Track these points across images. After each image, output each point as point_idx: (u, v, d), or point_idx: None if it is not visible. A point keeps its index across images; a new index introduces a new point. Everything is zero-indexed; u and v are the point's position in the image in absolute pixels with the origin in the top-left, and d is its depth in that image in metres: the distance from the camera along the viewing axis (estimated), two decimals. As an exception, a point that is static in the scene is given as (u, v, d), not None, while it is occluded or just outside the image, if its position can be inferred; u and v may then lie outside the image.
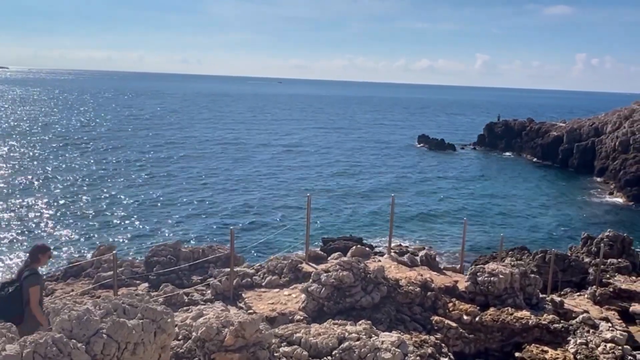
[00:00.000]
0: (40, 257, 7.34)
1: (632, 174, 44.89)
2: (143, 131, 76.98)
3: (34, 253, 7.33)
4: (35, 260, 7.28)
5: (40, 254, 7.32)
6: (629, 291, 15.05)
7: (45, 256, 7.42)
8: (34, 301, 6.99)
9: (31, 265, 7.25)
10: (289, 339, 7.45)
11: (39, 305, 7.05)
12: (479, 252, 25.13)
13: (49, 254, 7.50)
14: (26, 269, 7.21)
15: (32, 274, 7.12)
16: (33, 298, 6.99)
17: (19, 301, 6.98)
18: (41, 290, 7.26)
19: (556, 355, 9.50)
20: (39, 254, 7.32)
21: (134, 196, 37.58)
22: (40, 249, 7.40)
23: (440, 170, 55.65)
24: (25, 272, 7.15)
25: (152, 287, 12.15)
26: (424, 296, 10.48)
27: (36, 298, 7.03)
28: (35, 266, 7.28)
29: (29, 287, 6.99)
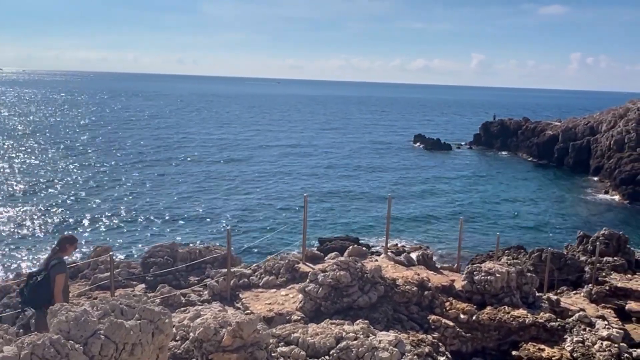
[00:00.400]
0: (68, 247, 7.75)
1: (627, 173, 45.06)
2: (138, 132, 76.81)
3: (62, 243, 7.69)
4: (62, 249, 7.66)
5: (67, 244, 7.72)
6: (624, 289, 15.11)
7: (72, 246, 7.83)
8: (58, 289, 7.34)
9: (58, 254, 7.61)
10: (286, 339, 7.46)
11: (62, 292, 7.39)
12: (476, 251, 25.18)
13: (75, 244, 7.93)
14: (53, 257, 7.55)
15: (58, 263, 7.47)
16: (58, 286, 7.34)
17: (47, 289, 7.29)
18: (66, 278, 7.62)
19: (553, 353, 9.53)
20: (67, 243, 7.72)
21: (130, 197, 37.52)
22: (68, 239, 7.79)
23: (436, 170, 55.75)
24: (52, 261, 7.48)
25: (149, 288, 12.13)
26: (421, 295, 10.50)
27: (60, 285, 7.38)
28: (62, 255, 7.64)
29: (56, 274, 7.35)
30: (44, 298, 7.25)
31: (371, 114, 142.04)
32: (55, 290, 7.33)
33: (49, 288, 7.32)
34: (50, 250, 7.83)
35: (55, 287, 7.33)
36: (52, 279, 7.35)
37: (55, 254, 7.63)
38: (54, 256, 7.62)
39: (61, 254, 7.67)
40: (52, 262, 7.51)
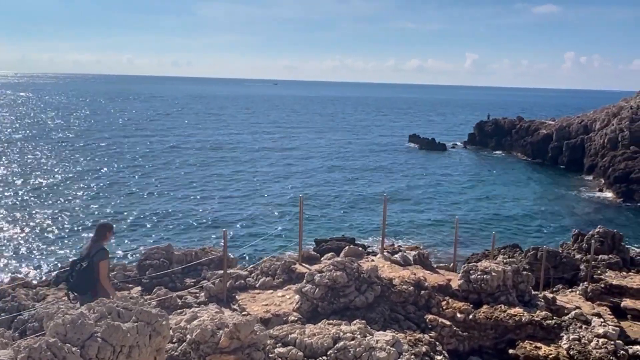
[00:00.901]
0: (107, 235, 8.14)
1: (621, 171, 45.27)
2: (133, 135, 76.63)
3: (101, 231, 8.08)
4: (102, 237, 8.05)
5: (106, 232, 8.12)
6: (620, 287, 15.18)
7: (110, 233, 8.22)
8: (104, 274, 7.80)
9: (99, 242, 7.99)
10: (283, 340, 7.46)
11: (107, 278, 7.90)
12: (472, 250, 25.24)
13: (112, 231, 8.34)
14: (94, 245, 7.93)
15: (101, 250, 7.87)
16: (103, 272, 7.78)
17: (91, 275, 7.72)
18: (108, 264, 8.07)
19: (549, 351, 9.56)
20: (106, 231, 8.11)
21: (125, 200, 37.43)
22: (107, 227, 8.20)
23: (431, 170, 55.86)
24: (94, 248, 7.87)
25: (145, 290, 12.11)
26: (418, 295, 10.51)
27: (105, 272, 7.85)
28: (102, 243, 8.03)
29: (99, 262, 7.75)
30: (88, 284, 7.72)
31: (366, 115, 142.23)
32: (100, 277, 7.77)
33: (92, 274, 7.73)
34: (90, 239, 8.16)
35: (100, 274, 7.77)
36: (95, 266, 7.75)
37: (96, 242, 7.99)
38: (94, 244, 7.97)
39: (101, 242, 8.04)
40: (94, 250, 7.89)
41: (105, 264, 7.86)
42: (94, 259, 7.78)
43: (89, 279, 7.74)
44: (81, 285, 7.80)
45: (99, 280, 7.77)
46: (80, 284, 7.80)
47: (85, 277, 7.74)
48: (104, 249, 7.96)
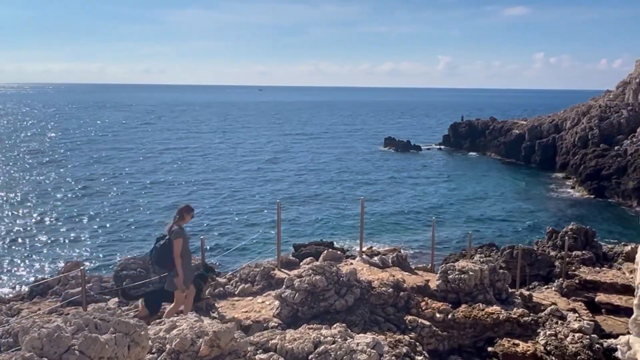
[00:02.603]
0: (186, 216, 8.83)
1: (592, 168, 46.25)
2: (106, 144, 75.59)
3: (181, 212, 8.80)
4: (182, 218, 8.79)
5: (185, 213, 8.81)
6: (594, 282, 15.51)
7: (189, 215, 8.90)
8: (177, 252, 8.59)
9: (177, 223, 8.75)
10: (264, 346, 7.42)
11: (179, 256, 8.63)
12: (449, 251, 25.49)
13: (192, 213, 8.99)
14: (173, 225, 8.70)
15: (179, 229, 8.67)
16: (176, 249, 8.57)
17: (169, 252, 8.59)
18: (185, 242, 8.78)
19: (527, 347, 9.71)
20: (185, 213, 8.81)
21: (100, 210, 36.87)
22: (186, 209, 8.88)
23: (407, 172, 56.29)
24: (173, 228, 8.66)
25: (122, 301, 11.93)
26: (397, 296, 10.57)
27: (178, 249, 8.60)
28: (181, 223, 8.78)
29: (175, 239, 8.56)
30: (167, 260, 8.63)
31: (342, 118, 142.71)
32: (174, 254, 8.57)
33: (170, 251, 8.59)
34: (172, 219, 8.88)
35: (174, 251, 8.57)
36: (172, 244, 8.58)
37: (176, 222, 8.75)
38: (174, 224, 8.74)
39: (180, 223, 8.78)
40: (173, 229, 8.67)
41: (179, 242, 8.60)
42: (171, 237, 8.60)
43: (167, 255, 8.62)
44: (161, 260, 8.73)
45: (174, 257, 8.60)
46: (159, 259, 8.73)
47: (164, 253, 8.63)
48: (180, 228, 8.73)
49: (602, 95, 61.29)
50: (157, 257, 8.76)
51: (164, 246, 8.66)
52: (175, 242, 8.59)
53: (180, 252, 8.66)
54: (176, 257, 8.64)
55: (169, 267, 8.74)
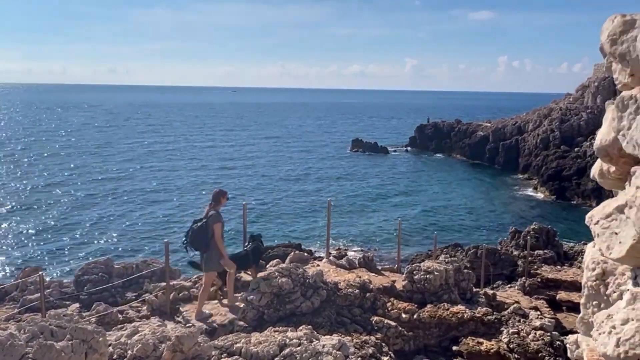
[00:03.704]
0: (221, 199, 9.42)
1: (553, 169, 47.39)
2: (66, 145, 73.83)
3: (217, 197, 9.38)
4: (217, 202, 9.33)
5: (221, 197, 9.41)
6: (555, 280, 15.87)
7: (224, 198, 9.50)
8: (217, 234, 9.14)
9: (214, 207, 9.29)
10: (229, 350, 7.33)
11: (220, 239, 9.23)
12: (415, 251, 25.72)
13: (227, 196, 9.61)
14: (211, 209, 9.27)
15: (215, 214, 9.21)
16: (217, 232, 9.13)
17: (205, 235, 9.12)
18: (222, 226, 9.34)
19: (491, 346, 9.85)
20: (220, 197, 9.40)
21: (59, 214, 35.90)
22: (221, 193, 9.52)
23: (374, 173, 56.65)
24: (210, 212, 9.23)
25: (83, 307, 11.61)
26: (363, 297, 10.59)
27: (218, 233, 9.16)
28: (218, 208, 9.32)
29: (213, 223, 9.12)
30: (202, 242, 9.16)
31: (309, 120, 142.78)
32: (215, 237, 9.12)
33: (206, 234, 9.11)
34: (208, 205, 9.44)
35: (215, 234, 9.11)
36: (210, 228, 9.12)
37: (212, 207, 9.28)
38: (211, 209, 9.27)
39: (217, 207, 9.32)
40: (210, 213, 9.20)
41: (219, 226, 9.16)
42: (209, 221, 9.13)
43: (203, 238, 9.13)
44: (196, 242, 9.20)
45: (213, 240, 9.12)
46: (195, 241, 9.20)
47: (200, 235, 9.13)
48: (218, 213, 9.26)
49: (563, 99, 62.91)
50: (193, 238, 9.20)
51: (201, 228, 9.13)
52: (215, 226, 9.12)
53: (221, 235, 9.23)
54: (218, 240, 9.16)
55: (202, 249, 9.23)
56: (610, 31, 2.04)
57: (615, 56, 2.05)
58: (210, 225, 9.12)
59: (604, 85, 54.57)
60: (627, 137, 1.88)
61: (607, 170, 2.12)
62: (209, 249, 9.18)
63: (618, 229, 1.89)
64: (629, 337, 1.72)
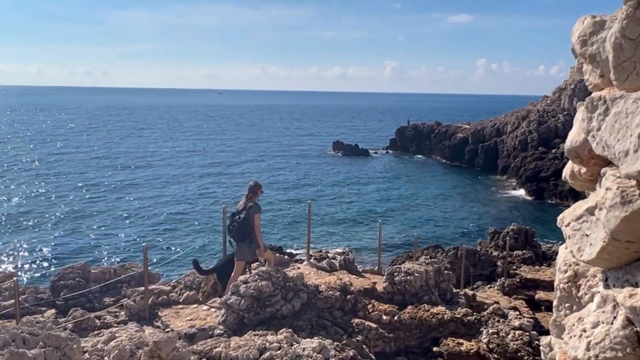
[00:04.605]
0: (258, 191, 9.96)
1: (531, 171, 48.02)
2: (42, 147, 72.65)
3: (253, 189, 9.91)
4: (255, 194, 9.87)
5: (257, 189, 9.95)
6: (533, 280, 16.05)
7: (260, 190, 10.03)
8: (257, 225, 9.64)
9: (252, 199, 9.80)
10: (208, 355, 7.25)
11: (259, 229, 9.76)
12: (396, 253, 25.80)
13: (262, 189, 10.11)
14: (249, 201, 9.77)
15: (255, 205, 9.71)
16: (257, 223, 9.63)
17: (247, 226, 9.60)
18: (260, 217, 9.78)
19: (471, 346, 9.90)
20: (257, 189, 9.94)
21: (35, 218, 35.27)
22: (257, 185, 10.02)
23: (355, 175, 56.77)
24: (249, 204, 9.71)
25: (59, 313, 11.40)
26: (344, 300, 10.57)
27: (258, 223, 9.68)
28: (254, 199, 9.84)
29: (254, 214, 9.61)
30: (245, 233, 9.64)
31: (290, 122, 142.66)
32: (255, 228, 9.62)
33: (248, 225, 9.58)
34: (244, 197, 9.94)
35: (255, 225, 9.60)
36: (251, 218, 9.57)
37: (250, 199, 9.78)
38: (249, 200, 9.77)
39: (254, 198, 9.82)
40: (249, 204, 9.68)
41: (259, 216, 9.65)
42: (249, 212, 9.58)
43: (245, 229, 9.60)
44: (240, 234, 9.66)
45: (254, 230, 9.62)
46: (239, 233, 9.66)
47: (243, 227, 9.59)
48: (257, 204, 9.78)
49: (540, 101, 63.81)
50: (238, 231, 9.66)
51: (244, 220, 9.59)
52: (255, 216, 9.60)
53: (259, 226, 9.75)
54: (257, 229, 9.66)
55: (247, 240, 9.70)
56: (581, 32, 2.05)
57: (585, 57, 2.06)
58: (251, 215, 9.60)
59: (580, 87, 55.45)
60: (597, 138, 1.88)
61: (578, 172, 2.13)
62: (252, 240, 9.74)
63: (589, 230, 1.89)
64: (599, 340, 1.72)
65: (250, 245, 9.81)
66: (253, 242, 9.77)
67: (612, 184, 1.80)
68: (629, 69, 1.80)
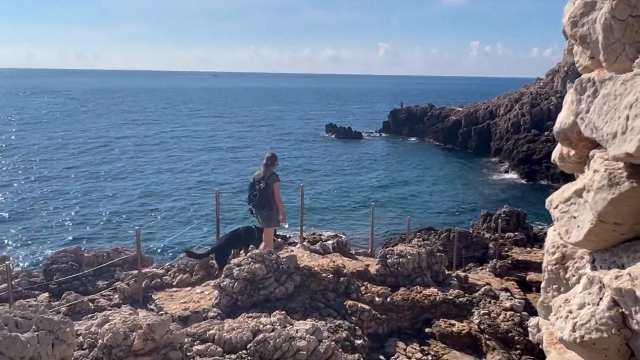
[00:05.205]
0: (275, 162, 10.45)
1: (524, 153, 48.16)
2: (34, 131, 72.10)
3: (271, 159, 10.39)
4: (272, 164, 10.37)
5: (275, 160, 10.47)
6: (525, 262, 16.20)
7: (277, 160, 10.57)
8: (277, 192, 10.15)
9: (269, 168, 10.28)
10: (202, 337, 7.30)
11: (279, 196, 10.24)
12: (389, 235, 25.92)
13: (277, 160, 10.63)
14: (267, 170, 10.24)
15: (273, 174, 10.24)
16: (276, 190, 10.13)
17: (267, 194, 10.06)
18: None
19: (462, 327, 10.02)
20: (275, 160, 10.47)
21: (27, 202, 35.13)
22: (274, 156, 10.53)
23: (348, 158, 56.76)
24: (267, 173, 10.21)
25: (53, 296, 11.42)
26: (337, 282, 10.65)
27: (278, 190, 10.18)
28: (272, 169, 10.31)
29: (273, 182, 10.13)
30: (265, 201, 10.09)
31: (282, 105, 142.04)
32: (275, 195, 10.09)
33: (268, 193, 10.04)
34: (263, 166, 10.35)
35: (275, 192, 10.08)
36: (270, 187, 10.04)
37: (268, 168, 10.25)
38: (267, 170, 10.23)
39: (272, 168, 10.29)
40: (267, 173, 10.17)
41: (278, 184, 10.18)
42: (269, 181, 10.06)
43: (266, 197, 10.05)
44: (261, 202, 10.09)
45: (273, 198, 10.07)
46: (261, 202, 10.07)
47: (264, 195, 10.05)
48: (275, 173, 10.28)
49: (533, 83, 63.74)
50: (259, 200, 10.10)
51: (264, 190, 10.04)
52: (275, 185, 10.08)
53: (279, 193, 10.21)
54: (277, 197, 10.11)
55: (267, 208, 10.12)
56: (571, 13, 2.04)
57: (576, 38, 2.05)
58: (271, 184, 10.04)
59: (572, 70, 55.36)
60: (586, 120, 1.89)
61: (567, 154, 2.13)
62: (272, 207, 10.14)
63: (577, 212, 1.91)
64: (584, 321, 1.74)
65: (270, 212, 10.20)
66: (273, 209, 10.17)
67: (600, 166, 1.81)
68: (619, 50, 1.80)
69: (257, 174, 10.43)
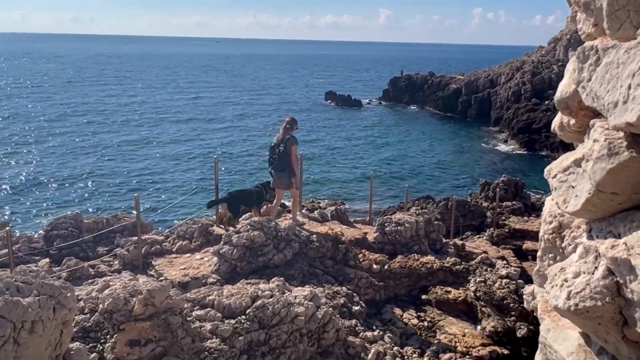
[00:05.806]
0: (294, 126, 10.66)
1: (524, 122, 48.00)
2: (32, 98, 71.54)
3: (290, 123, 10.61)
4: (291, 127, 10.57)
5: (294, 124, 10.67)
6: (522, 230, 16.31)
7: (296, 125, 10.75)
8: (294, 155, 10.44)
9: (288, 132, 10.50)
10: (201, 302, 7.39)
11: (296, 158, 10.58)
12: (387, 204, 26.02)
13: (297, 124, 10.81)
14: (285, 134, 10.46)
15: (291, 137, 10.46)
16: (293, 152, 10.42)
17: (286, 156, 10.38)
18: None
19: (458, 294, 10.15)
20: (294, 123, 10.66)
21: (27, 168, 35.11)
22: (294, 120, 10.77)
23: (347, 126, 56.56)
24: (286, 136, 10.43)
25: (53, 262, 11.53)
26: (335, 249, 10.73)
27: (295, 153, 10.47)
28: (291, 132, 10.52)
29: (291, 145, 10.39)
30: (284, 164, 10.41)
31: (281, 73, 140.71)
32: (292, 157, 10.36)
33: (287, 156, 10.34)
34: (282, 129, 10.58)
35: (292, 155, 10.35)
36: (288, 149, 10.31)
37: (287, 131, 10.46)
38: (285, 133, 10.45)
39: (291, 131, 10.50)
40: (287, 136, 10.39)
41: (295, 147, 10.43)
42: (287, 144, 10.33)
43: (285, 159, 10.35)
44: (281, 164, 10.42)
45: (290, 160, 10.33)
46: (280, 164, 10.43)
47: (283, 158, 10.36)
48: (293, 136, 10.48)
49: (535, 51, 63.05)
50: (279, 162, 10.40)
51: (283, 152, 10.33)
52: (292, 147, 10.33)
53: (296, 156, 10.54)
54: (294, 159, 10.39)
55: (287, 170, 10.42)
56: (576, -20, 2.00)
57: (579, 5, 2.01)
58: (289, 147, 10.30)
59: (575, 37, 54.71)
60: (587, 89, 1.87)
61: (567, 123, 2.12)
62: (291, 169, 10.44)
63: (575, 182, 1.90)
64: (579, 290, 1.75)
65: (289, 174, 10.50)
66: (291, 172, 10.49)
67: (599, 136, 1.80)
68: (623, 18, 1.77)
69: (277, 137, 10.68)
